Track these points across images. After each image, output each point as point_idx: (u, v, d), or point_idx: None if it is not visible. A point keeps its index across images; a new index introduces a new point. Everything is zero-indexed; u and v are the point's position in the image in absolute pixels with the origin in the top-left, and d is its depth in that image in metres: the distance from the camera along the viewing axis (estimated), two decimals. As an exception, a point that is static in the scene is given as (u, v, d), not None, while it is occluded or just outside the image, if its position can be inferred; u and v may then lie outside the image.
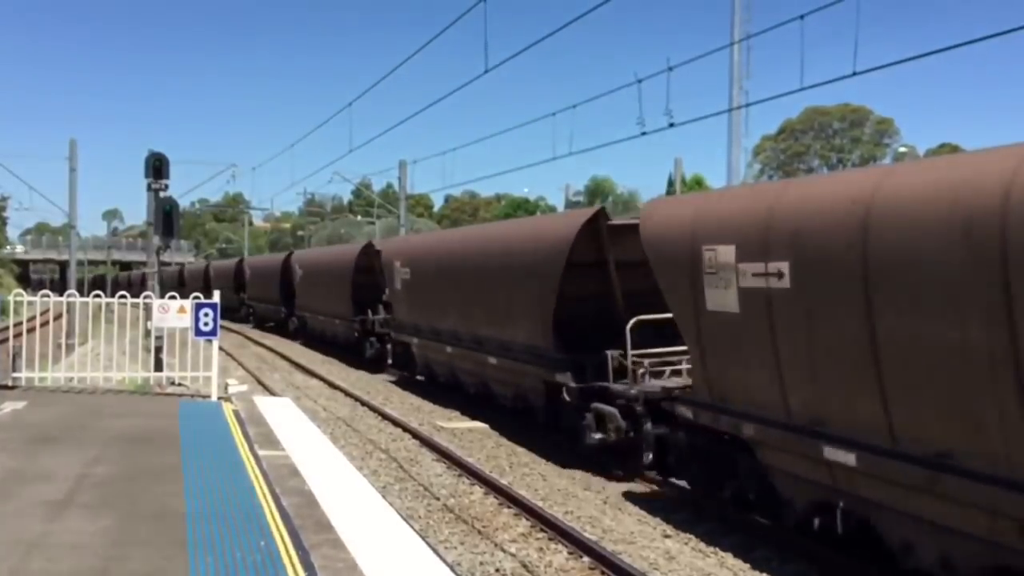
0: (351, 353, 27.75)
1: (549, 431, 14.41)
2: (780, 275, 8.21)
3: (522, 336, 14.73)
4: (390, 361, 24.59)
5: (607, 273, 13.90)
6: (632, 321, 12.10)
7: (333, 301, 29.01)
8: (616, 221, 13.94)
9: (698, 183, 63.83)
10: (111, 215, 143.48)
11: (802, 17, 11.76)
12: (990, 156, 6.81)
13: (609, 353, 12.35)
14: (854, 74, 10.71)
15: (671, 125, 15.06)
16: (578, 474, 12.69)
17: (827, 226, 7.70)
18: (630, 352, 11.97)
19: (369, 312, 26.39)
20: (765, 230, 8.45)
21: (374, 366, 25.73)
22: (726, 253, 8.95)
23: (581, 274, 13.55)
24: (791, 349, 8.28)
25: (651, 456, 11.34)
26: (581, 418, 12.57)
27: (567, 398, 13.12)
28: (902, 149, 59.96)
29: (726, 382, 9.47)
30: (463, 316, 17.58)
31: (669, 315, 10.62)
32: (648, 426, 11.33)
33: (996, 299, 6.31)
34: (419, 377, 21.68)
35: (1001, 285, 6.26)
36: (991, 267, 6.33)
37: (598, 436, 12.20)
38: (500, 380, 16.09)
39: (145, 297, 16.17)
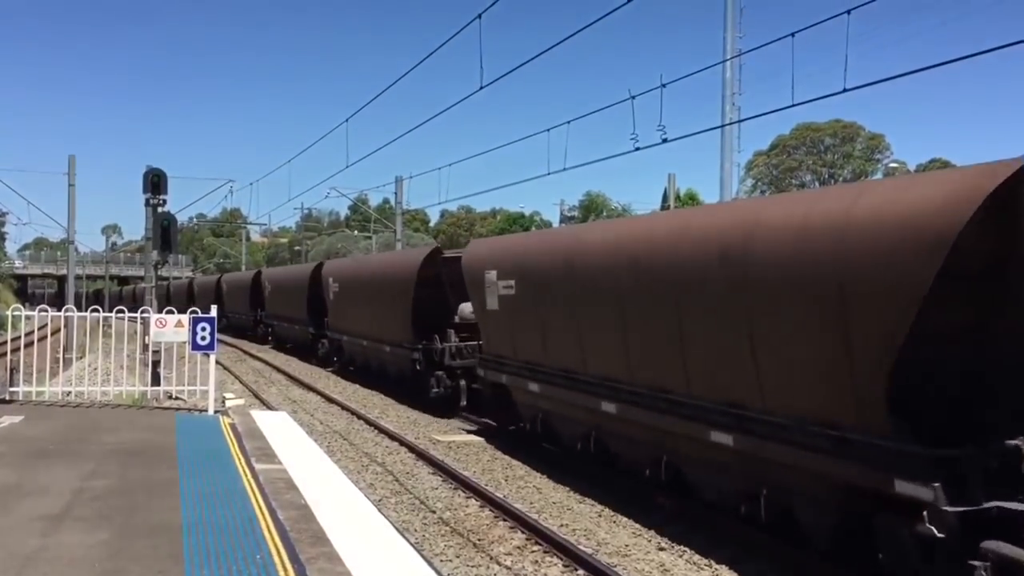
0: (405, 389, 21.82)
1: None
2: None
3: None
4: (464, 402, 19.25)
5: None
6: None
7: (383, 322, 22.83)
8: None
9: (692, 198, 64.05)
10: (110, 230, 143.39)
11: (793, 35, 11.90)
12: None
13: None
14: (844, 90, 10.84)
15: (664, 141, 15.20)
16: (573, 487, 12.72)
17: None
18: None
19: (436, 338, 19.89)
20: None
21: (440, 409, 19.67)
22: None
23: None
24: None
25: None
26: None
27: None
28: (893, 164, 60.25)
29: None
30: (623, 350, 11.25)
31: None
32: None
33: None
34: (516, 428, 15.88)
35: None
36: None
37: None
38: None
39: (143, 311, 16.24)
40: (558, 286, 12.87)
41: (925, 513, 6.92)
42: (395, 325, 21.59)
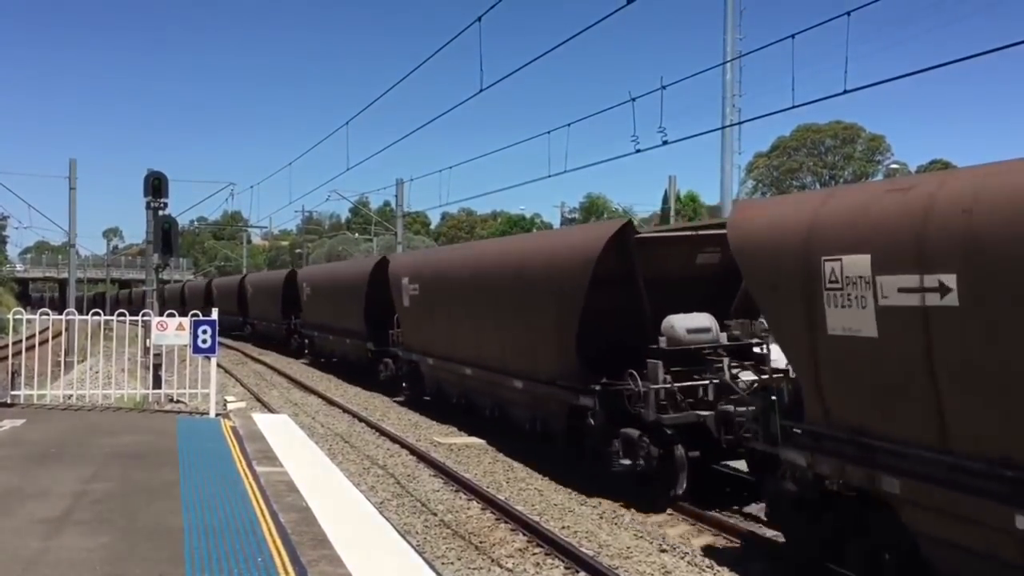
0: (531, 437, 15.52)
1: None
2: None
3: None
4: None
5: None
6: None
7: (499, 338, 15.53)
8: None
9: (692, 200, 64.12)
10: (111, 233, 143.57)
11: (793, 36, 11.90)
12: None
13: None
14: (845, 92, 10.84)
15: (665, 143, 15.22)
16: (574, 489, 12.71)
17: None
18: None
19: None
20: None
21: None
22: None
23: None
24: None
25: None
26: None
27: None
28: (894, 166, 60.28)
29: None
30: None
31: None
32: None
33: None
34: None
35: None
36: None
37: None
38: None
39: (144, 314, 16.25)
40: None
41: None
42: (547, 345, 14.12)
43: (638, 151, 16.03)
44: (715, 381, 11.39)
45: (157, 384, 16.00)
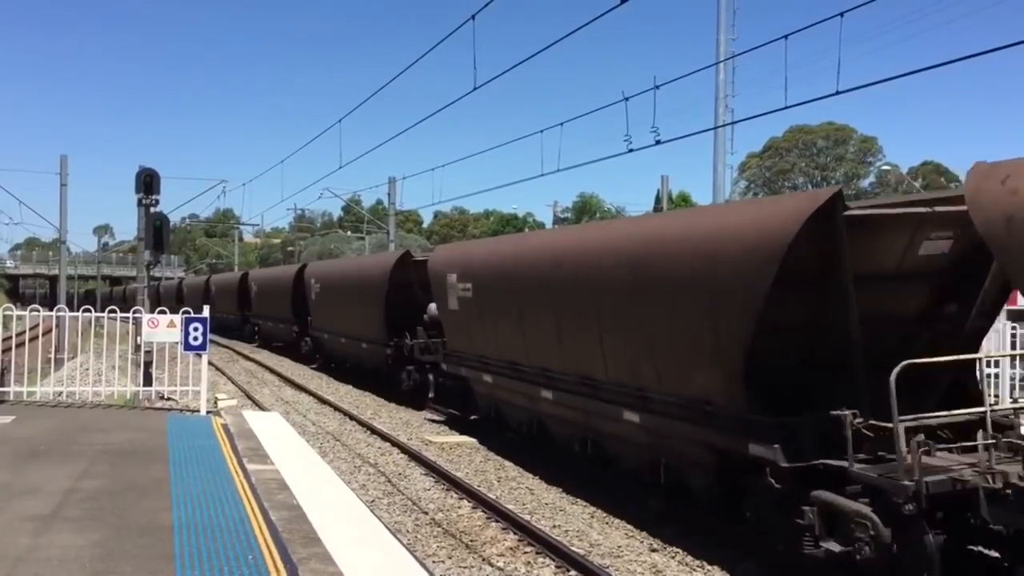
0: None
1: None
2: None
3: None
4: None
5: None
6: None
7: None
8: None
9: (684, 200, 64.24)
10: (102, 230, 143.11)
11: (786, 37, 11.91)
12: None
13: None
14: (837, 93, 10.86)
15: (658, 142, 15.18)
16: (565, 488, 12.72)
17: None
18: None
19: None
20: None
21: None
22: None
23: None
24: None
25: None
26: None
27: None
28: (885, 167, 60.51)
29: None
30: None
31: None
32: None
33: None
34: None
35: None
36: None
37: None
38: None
39: (135, 312, 16.19)
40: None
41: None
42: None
43: (631, 151, 16.03)
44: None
45: (148, 381, 15.95)
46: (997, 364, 15.96)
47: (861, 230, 8.30)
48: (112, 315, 16.05)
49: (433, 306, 19.12)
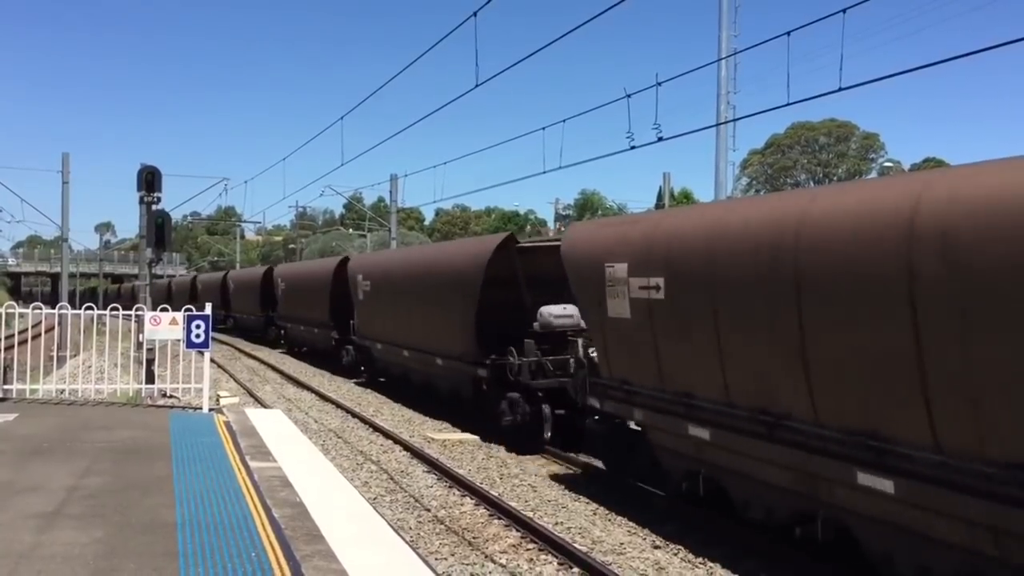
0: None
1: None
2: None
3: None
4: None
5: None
6: None
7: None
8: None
9: (686, 197, 64.20)
10: (103, 228, 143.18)
11: (788, 33, 11.89)
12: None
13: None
14: (840, 89, 10.83)
15: (660, 139, 15.16)
16: (567, 485, 12.73)
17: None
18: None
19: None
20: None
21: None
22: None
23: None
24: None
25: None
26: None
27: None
28: (887, 164, 60.47)
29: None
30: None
31: None
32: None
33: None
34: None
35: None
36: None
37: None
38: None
39: (137, 310, 16.19)
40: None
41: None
42: None
43: (633, 148, 16.00)
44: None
45: (150, 379, 15.96)
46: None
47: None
48: (115, 313, 16.05)
49: (548, 310, 15.19)
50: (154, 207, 18.20)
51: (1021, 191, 6.09)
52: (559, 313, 14.92)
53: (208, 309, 14.09)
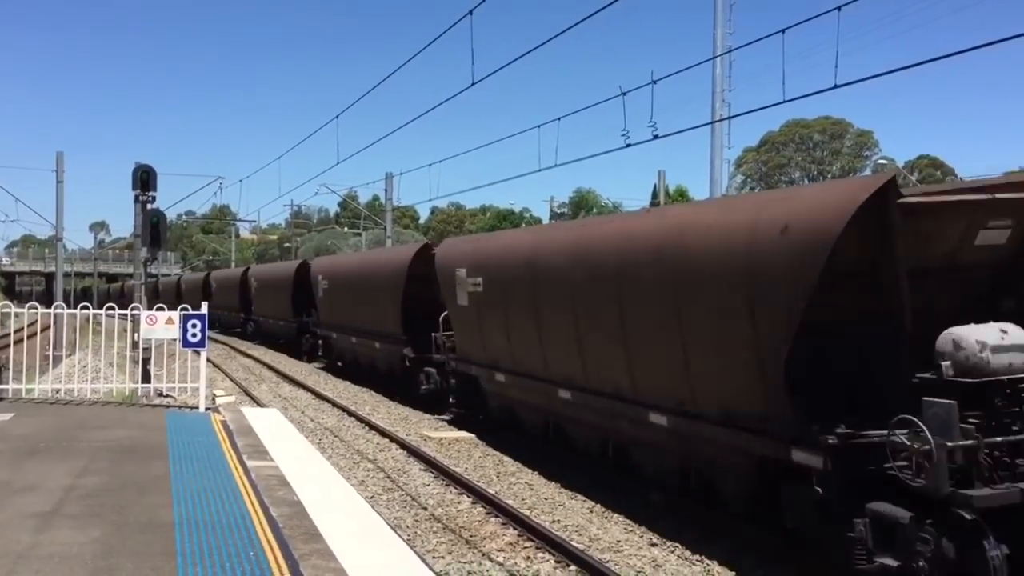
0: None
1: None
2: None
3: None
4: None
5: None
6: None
7: None
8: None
9: (681, 195, 64.23)
10: (98, 227, 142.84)
11: (783, 31, 11.91)
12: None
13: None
14: (834, 87, 10.86)
15: (655, 137, 15.15)
16: (564, 483, 12.75)
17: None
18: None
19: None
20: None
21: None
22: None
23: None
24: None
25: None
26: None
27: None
28: (881, 161, 60.62)
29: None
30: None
31: None
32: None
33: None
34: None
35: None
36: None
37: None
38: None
39: (133, 309, 16.16)
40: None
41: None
42: None
43: (628, 146, 16.01)
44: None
45: (146, 378, 15.94)
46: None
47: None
48: (110, 312, 16.02)
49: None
50: (149, 206, 18.19)
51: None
52: (1005, 343, 9.88)
53: (204, 308, 14.08)
